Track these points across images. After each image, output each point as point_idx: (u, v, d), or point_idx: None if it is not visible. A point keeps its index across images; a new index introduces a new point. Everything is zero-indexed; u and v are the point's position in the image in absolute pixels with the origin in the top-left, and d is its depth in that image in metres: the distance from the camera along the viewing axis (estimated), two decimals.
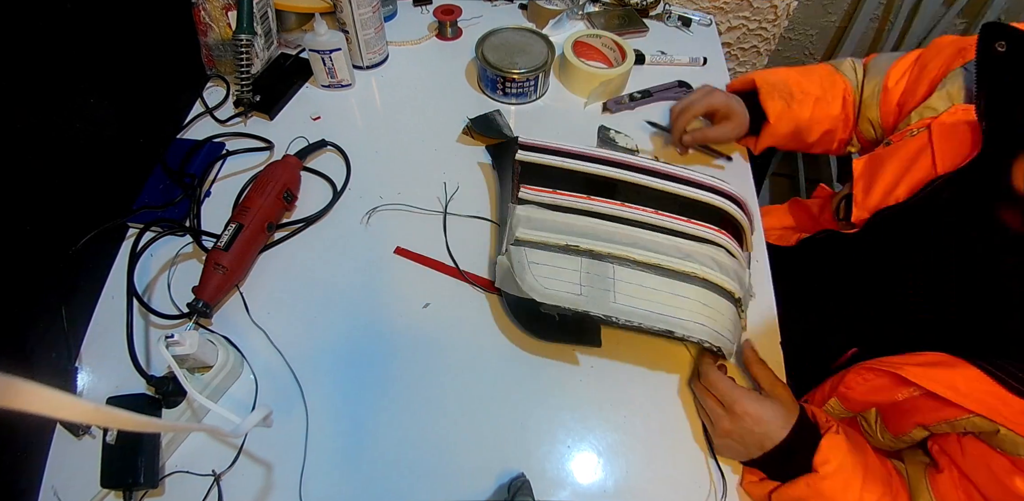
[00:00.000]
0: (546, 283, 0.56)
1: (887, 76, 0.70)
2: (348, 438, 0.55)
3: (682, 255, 0.58)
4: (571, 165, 0.65)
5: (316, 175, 0.72)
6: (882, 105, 0.71)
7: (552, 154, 0.65)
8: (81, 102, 0.62)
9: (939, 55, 0.65)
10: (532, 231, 0.59)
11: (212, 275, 0.58)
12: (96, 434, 0.53)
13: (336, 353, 0.59)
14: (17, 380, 0.21)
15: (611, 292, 0.55)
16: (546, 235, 0.58)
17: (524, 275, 0.56)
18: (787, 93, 0.70)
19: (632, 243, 0.58)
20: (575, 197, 0.62)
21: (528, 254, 0.57)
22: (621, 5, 0.94)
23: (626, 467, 0.54)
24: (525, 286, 0.55)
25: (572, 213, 0.61)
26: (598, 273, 0.57)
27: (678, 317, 0.54)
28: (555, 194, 0.63)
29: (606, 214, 0.61)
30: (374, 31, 0.79)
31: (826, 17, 1.34)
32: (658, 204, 0.62)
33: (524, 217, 0.60)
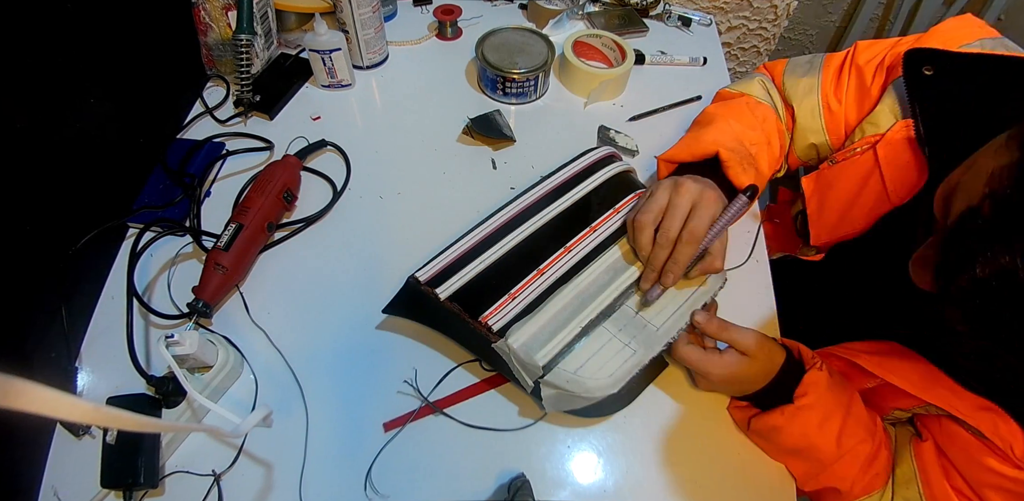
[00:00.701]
0: (606, 372, 0.50)
1: (824, 96, 0.64)
2: (348, 438, 0.55)
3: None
4: (490, 259, 0.55)
5: (316, 175, 0.72)
6: (830, 131, 0.65)
7: (460, 266, 0.55)
8: (81, 102, 0.62)
9: (874, 61, 0.61)
10: (545, 347, 0.50)
11: (212, 275, 0.58)
12: (96, 434, 0.53)
13: (336, 353, 0.59)
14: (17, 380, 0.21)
15: (648, 324, 0.53)
16: (559, 339, 0.51)
17: (584, 385, 0.50)
18: (747, 157, 0.61)
19: (613, 273, 0.55)
20: (530, 283, 0.54)
21: (565, 366, 0.51)
22: (621, 5, 0.94)
23: (626, 467, 0.54)
24: (596, 392, 0.50)
25: (549, 297, 0.53)
26: (625, 323, 0.54)
27: (697, 288, 0.54)
28: (514, 297, 0.53)
29: (570, 270, 0.55)
30: (374, 31, 0.79)
31: (826, 17, 1.34)
32: (582, 220, 0.59)
33: (524, 344, 0.50)
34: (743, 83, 0.71)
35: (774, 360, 0.51)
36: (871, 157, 0.57)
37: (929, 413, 0.51)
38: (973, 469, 0.47)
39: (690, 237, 0.51)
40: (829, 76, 0.65)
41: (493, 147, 0.76)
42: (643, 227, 0.53)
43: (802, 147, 0.68)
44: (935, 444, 0.51)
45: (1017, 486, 0.45)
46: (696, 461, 0.55)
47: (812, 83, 0.65)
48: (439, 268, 0.55)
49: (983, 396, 0.46)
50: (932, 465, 0.50)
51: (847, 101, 0.64)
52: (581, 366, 0.51)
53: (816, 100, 0.65)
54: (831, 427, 0.50)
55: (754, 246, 0.65)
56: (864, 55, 0.62)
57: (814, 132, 0.66)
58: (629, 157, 0.76)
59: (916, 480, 0.50)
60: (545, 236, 0.58)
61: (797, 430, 0.50)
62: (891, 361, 0.51)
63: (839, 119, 0.64)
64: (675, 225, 0.52)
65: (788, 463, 0.54)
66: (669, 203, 0.53)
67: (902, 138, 0.55)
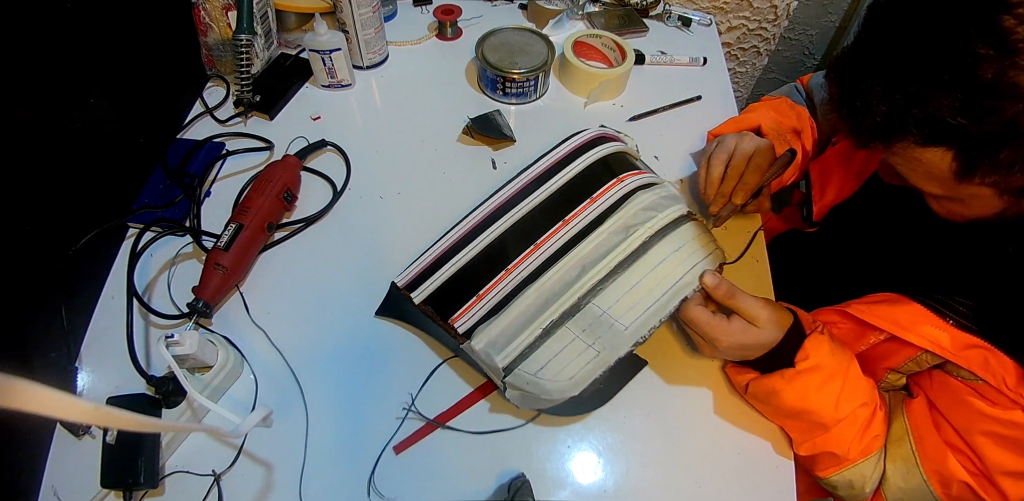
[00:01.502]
0: (566, 374, 0.50)
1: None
2: (348, 438, 0.55)
3: (623, 234, 0.54)
4: (460, 262, 0.57)
5: (316, 175, 0.72)
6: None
7: (434, 270, 0.57)
8: (81, 102, 0.62)
9: None
10: (506, 349, 0.51)
11: (212, 275, 0.58)
12: (96, 434, 0.53)
13: (336, 353, 0.59)
14: (17, 380, 0.21)
15: (615, 323, 0.51)
16: (519, 341, 0.51)
17: (543, 387, 0.50)
18: (783, 134, 0.68)
19: (581, 269, 0.53)
20: (498, 284, 0.55)
21: (525, 368, 0.51)
22: (621, 5, 0.94)
23: (626, 467, 0.54)
24: (555, 395, 0.50)
25: (512, 299, 0.53)
26: (589, 322, 0.52)
27: (674, 283, 0.52)
28: (481, 299, 0.54)
29: (537, 269, 0.54)
30: (374, 31, 0.79)
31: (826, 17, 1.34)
32: (557, 212, 0.58)
33: (485, 347, 0.51)
34: (782, 91, 0.79)
35: (781, 326, 0.51)
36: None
37: (921, 368, 0.52)
38: (963, 416, 0.48)
39: (756, 168, 0.60)
40: None
41: (493, 147, 0.76)
42: (718, 163, 0.62)
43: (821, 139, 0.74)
44: (926, 399, 0.52)
45: (1008, 428, 0.46)
46: (696, 461, 0.55)
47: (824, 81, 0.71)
48: (416, 272, 0.57)
49: (974, 335, 0.47)
50: (924, 420, 0.51)
51: None
52: (541, 368, 0.50)
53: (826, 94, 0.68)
54: (830, 390, 0.50)
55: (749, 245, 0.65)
56: None
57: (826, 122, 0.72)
58: None
59: (908, 436, 0.51)
60: (517, 233, 0.57)
61: (796, 393, 0.50)
62: (881, 307, 0.52)
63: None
64: (743, 160, 0.61)
65: (785, 425, 0.55)
66: (736, 146, 0.62)
67: None
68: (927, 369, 0.52)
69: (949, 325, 0.48)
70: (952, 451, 0.49)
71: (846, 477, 0.52)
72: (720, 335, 0.50)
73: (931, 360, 0.50)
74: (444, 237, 0.58)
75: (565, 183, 0.60)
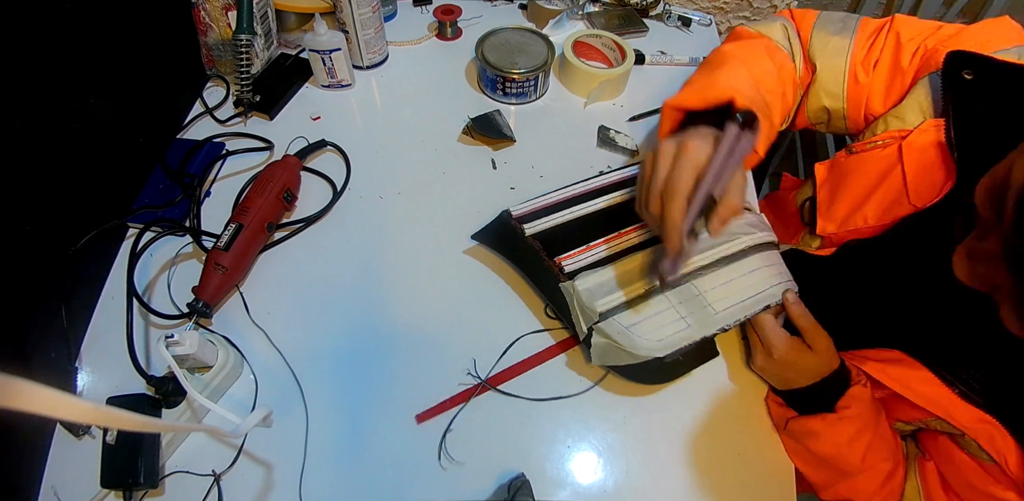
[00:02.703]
0: (656, 336, 0.53)
1: (852, 62, 0.60)
2: (348, 438, 0.55)
3: (727, 236, 0.58)
4: (577, 212, 0.61)
5: (316, 175, 0.72)
6: (850, 99, 0.61)
7: (550, 212, 0.60)
8: (81, 102, 0.62)
9: (915, 40, 0.58)
10: (606, 298, 0.54)
11: (212, 275, 0.58)
12: (96, 434, 0.53)
13: (336, 353, 0.59)
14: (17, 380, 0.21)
15: (708, 306, 0.55)
16: (620, 294, 0.54)
17: (633, 341, 0.52)
18: (763, 107, 0.56)
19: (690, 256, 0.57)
20: (608, 241, 0.59)
21: (620, 319, 0.53)
22: (621, 5, 0.94)
23: (626, 467, 0.54)
24: (641, 351, 0.52)
25: (622, 257, 0.57)
26: (686, 298, 0.55)
27: (762, 291, 0.56)
28: (591, 249, 0.58)
29: (646, 241, 0.58)
30: (374, 31, 0.79)
31: None
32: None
33: (587, 289, 0.54)
34: (764, 24, 0.66)
35: (830, 363, 0.52)
36: (894, 153, 0.55)
37: (930, 428, 0.51)
38: (969, 492, 0.48)
39: (671, 191, 0.45)
40: (862, 42, 0.61)
41: (493, 147, 0.76)
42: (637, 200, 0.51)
43: (814, 108, 0.65)
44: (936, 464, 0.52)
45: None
46: (696, 461, 0.55)
47: (844, 44, 0.61)
48: (532, 208, 0.61)
49: (981, 409, 0.46)
50: (935, 486, 0.51)
51: (877, 74, 0.60)
52: (635, 324, 0.53)
53: (844, 64, 0.61)
54: (861, 441, 0.51)
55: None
56: (906, 31, 0.59)
57: (832, 96, 0.62)
58: (629, 157, 0.76)
59: (920, 498, 0.51)
60: (632, 207, 0.55)
61: (831, 438, 0.51)
62: (896, 369, 0.51)
63: (863, 90, 0.61)
64: (657, 184, 0.47)
65: (810, 469, 0.54)
66: (652, 164, 0.48)
67: (930, 138, 0.53)
68: (933, 432, 0.52)
69: (958, 397, 0.47)
70: None
71: None
72: (779, 344, 0.53)
73: (940, 426, 0.50)
74: (562, 189, 0.62)
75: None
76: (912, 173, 0.54)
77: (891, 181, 0.55)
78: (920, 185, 0.53)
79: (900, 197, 0.54)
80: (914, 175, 0.54)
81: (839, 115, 0.64)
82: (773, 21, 0.66)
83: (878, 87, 0.60)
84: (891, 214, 0.55)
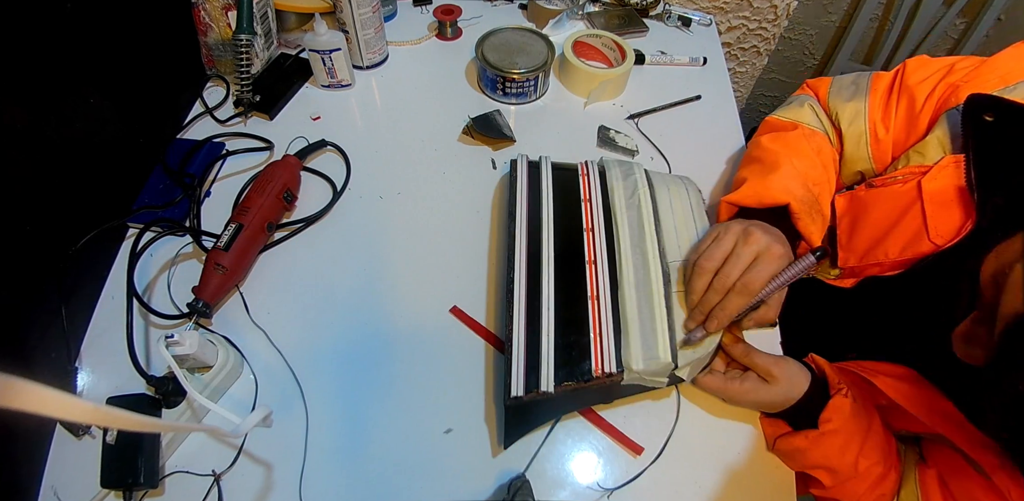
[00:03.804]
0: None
1: (871, 124, 0.62)
2: (348, 438, 0.55)
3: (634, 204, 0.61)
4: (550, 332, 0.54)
5: (316, 175, 0.72)
6: (876, 159, 0.63)
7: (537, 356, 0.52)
8: (81, 102, 0.62)
9: (927, 83, 0.59)
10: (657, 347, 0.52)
11: (212, 275, 0.58)
12: (96, 434, 0.53)
13: (336, 353, 0.59)
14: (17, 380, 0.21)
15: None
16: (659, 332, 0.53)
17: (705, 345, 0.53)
18: (814, 204, 0.59)
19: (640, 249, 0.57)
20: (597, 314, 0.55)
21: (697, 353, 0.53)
22: (621, 5, 0.94)
23: (626, 467, 0.54)
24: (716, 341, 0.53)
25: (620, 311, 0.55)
26: (683, 276, 0.56)
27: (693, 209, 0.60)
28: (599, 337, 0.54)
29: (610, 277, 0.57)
30: (374, 31, 0.79)
31: (826, 17, 1.34)
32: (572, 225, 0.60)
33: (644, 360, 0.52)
34: (793, 110, 0.67)
35: (795, 385, 0.52)
36: (914, 189, 0.54)
37: (935, 441, 0.51)
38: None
39: (743, 289, 0.50)
40: (877, 100, 0.62)
41: (493, 147, 0.76)
42: (703, 273, 0.52)
43: (848, 174, 0.66)
44: (938, 473, 0.51)
45: None
46: (696, 461, 0.55)
47: (859, 108, 0.63)
48: (524, 373, 0.52)
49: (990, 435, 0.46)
50: (935, 494, 0.50)
51: (895, 128, 0.61)
52: (693, 331, 0.53)
53: (863, 127, 0.62)
54: (850, 451, 0.50)
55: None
56: (915, 76, 0.60)
57: (860, 160, 0.63)
58: (629, 157, 0.76)
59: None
60: (566, 269, 0.57)
61: (819, 453, 0.51)
62: (906, 385, 0.51)
63: (886, 148, 0.62)
64: (734, 274, 0.51)
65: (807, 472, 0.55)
66: (733, 251, 0.52)
67: (950, 176, 0.53)
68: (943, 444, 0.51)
69: (967, 422, 0.47)
70: None
71: None
72: (735, 396, 0.53)
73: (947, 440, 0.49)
74: (513, 330, 0.54)
75: (553, 203, 0.62)
76: (931, 209, 0.53)
77: (911, 217, 0.54)
78: (939, 223, 0.53)
79: (920, 234, 0.54)
80: (933, 212, 0.53)
81: (871, 174, 0.65)
82: (801, 104, 0.67)
83: (899, 137, 0.61)
84: (912, 250, 0.54)
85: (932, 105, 0.58)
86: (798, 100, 0.69)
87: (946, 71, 0.59)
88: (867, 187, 0.60)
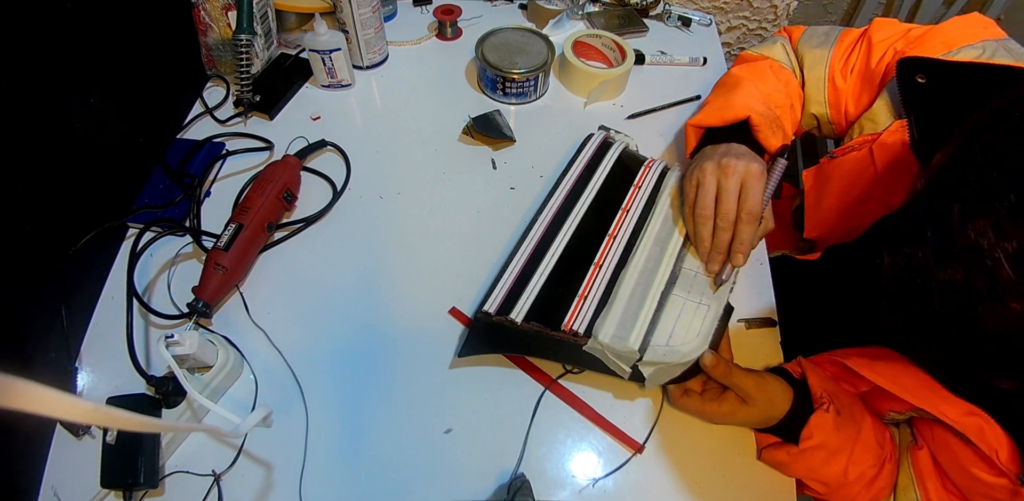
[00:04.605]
0: (692, 333, 0.53)
1: (831, 69, 0.65)
2: (348, 438, 0.55)
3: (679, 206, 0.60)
4: (545, 273, 0.56)
5: (316, 175, 0.72)
6: (832, 106, 0.66)
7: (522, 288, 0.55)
8: (81, 102, 0.62)
9: (886, 41, 0.61)
10: (633, 331, 0.52)
11: (212, 275, 0.58)
12: (96, 434, 0.53)
13: (336, 353, 0.59)
14: (17, 380, 0.21)
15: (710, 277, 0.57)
16: (641, 320, 0.52)
17: (679, 352, 0.52)
18: (775, 120, 0.61)
19: (661, 243, 0.57)
20: (592, 280, 0.55)
21: (657, 341, 0.52)
22: (621, 5, 0.94)
23: (626, 467, 0.54)
24: (692, 354, 0.52)
25: (615, 286, 0.55)
26: (690, 284, 0.56)
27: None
28: (583, 300, 0.54)
29: (621, 255, 0.57)
30: (374, 31, 0.79)
31: (826, 17, 1.35)
32: (611, 206, 0.61)
33: (613, 336, 0.51)
34: (766, 46, 0.72)
35: (776, 406, 0.51)
36: (867, 155, 0.57)
37: (923, 417, 0.51)
38: (963, 478, 0.48)
39: (748, 217, 0.53)
40: (840, 51, 0.65)
41: (493, 147, 0.76)
42: (705, 220, 0.55)
43: (806, 115, 0.69)
44: (929, 452, 0.51)
45: (1000, 493, 0.45)
46: (696, 461, 0.55)
47: (823, 55, 0.66)
48: (503, 296, 0.54)
49: (970, 402, 0.46)
50: (929, 473, 0.50)
51: (852, 79, 0.64)
52: (671, 335, 0.53)
53: (823, 73, 0.66)
54: (838, 463, 0.50)
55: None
56: (878, 34, 0.62)
57: (817, 103, 0.67)
58: None
59: (914, 486, 0.51)
60: (586, 232, 0.59)
61: (803, 466, 0.51)
62: (881, 365, 0.51)
63: (842, 96, 0.65)
64: (733, 208, 0.53)
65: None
66: (719, 188, 0.54)
67: (898, 139, 0.55)
68: (927, 418, 0.51)
69: (946, 390, 0.47)
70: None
71: None
72: (714, 418, 0.53)
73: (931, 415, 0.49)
74: (515, 257, 0.57)
75: (605, 179, 0.64)
76: (884, 174, 0.55)
77: (866, 182, 0.57)
78: (892, 185, 0.55)
79: (875, 198, 0.56)
80: (886, 176, 0.55)
81: (825, 120, 0.68)
82: (773, 42, 0.71)
83: (853, 91, 0.65)
84: (871, 216, 0.56)
85: (882, 67, 0.61)
86: (771, 39, 0.73)
87: (900, 36, 0.61)
88: (830, 158, 0.63)
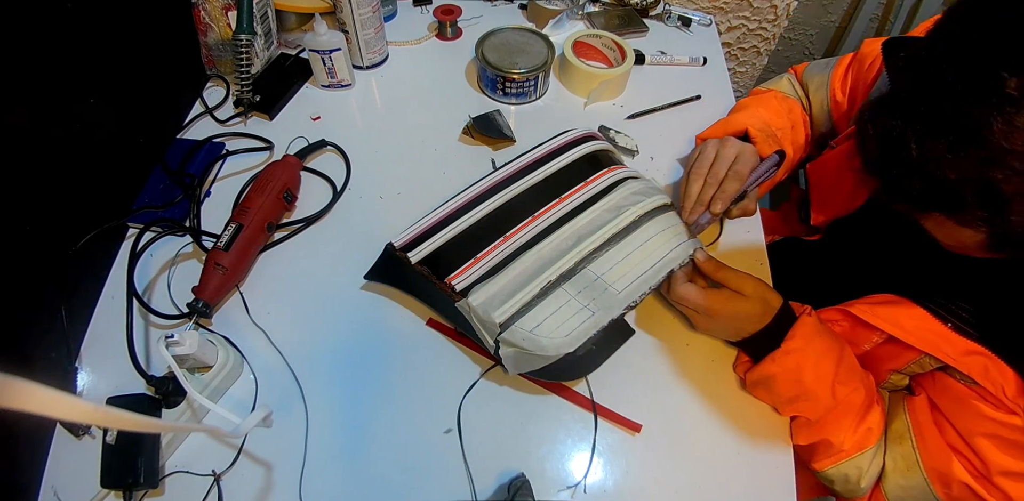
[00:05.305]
0: (562, 332, 0.52)
1: (832, 89, 0.71)
2: (348, 438, 0.55)
3: (615, 212, 0.59)
4: (463, 225, 0.59)
5: (316, 175, 0.72)
6: (835, 117, 0.72)
7: (434, 232, 0.58)
8: (81, 102, 0.62)
9: (873, 54, 0.66)
10: (503, 306, 0.53)
11: (212, 275, 0.58)
12: (96, 434, 0.53)
13: (336, 353, 0.59)
14: (17, 380, 0.21)
15: (608, 288, 0.55)
16: (517, 299, 0.53)
17: (539, 343, 0.52)
18: (772, 137, 0.66)
19: (577, 239, 0.57)
20: (495, 248, 0.57)
21: (522, 325, 0.53)
22: (621, 5, 0.94)
23: (626, 467, 0.54)
24: (550, 351, 0.52)
25: (511, 261, 0.56)
26: (584, 285, 0.55)
27: (662, 257, 0.57)
28: (479, 261, 0.56)
29: (534, 237, 0.58)
30: (374, 31, 0.79)
31: (826, 17, 1.34)
32: (552, 192, 0.61)
33: (482, 303, 0.53)
34: (773, 82, 0.79)
35: (769, 301, 0.53)
36: None
37: (924, 370, 0.52)
38: (965, 418, 0.48)
39: (735, 175, 0.59)
40: (839, 72, 0.71)
41: (493, 147, 0.76)
42: (697, 178, 0.60)
43: (815, 137, 0.75)
44: (928, 398, 0.52)
45: (1008, 431, 0.46)
46: (696, 461, 0.55)
47: (824, 79, 0.73)
48: (413, 235, 0.59)
49: (974, 341, 0.47)
50: (925, 418, 0.51)
51: (850, 90, 0.70)
52: (538, 325, 0.53)
53: (825, 94, 0.72)
54: (824, 372, 0.51)
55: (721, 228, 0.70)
56: (868, 47, 0.68)
57: (822, 123, 0.73)
58: (629, 157, 0.76)
59: (910, 434, 0.52)
60: (515, 206, 0.61)
61: (790, 376, 0.52)
62: (885, 309, 0.53)
63: (842, 106, 0.71)
64: (723, 169, 0.60)
65: (785, 410, 0.56)
66: (717, 154, 0.61)
67: None
68: (930, 371, 0.52)
69: (950, 330, 0.48)
70: (954, 452, 0.49)
71: (842, 470, 0.53)
72: (712, 303, 0.54)
73: (933, 363, 0.51)
74: (443, 205, 0.61)
75: (561, 168, 0.64)
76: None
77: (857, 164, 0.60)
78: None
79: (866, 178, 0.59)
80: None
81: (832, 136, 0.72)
82: (780, 78, 0.79)
83: (854, 96, 0.70)
84: (864, 192, 0.61)
85: (873, 69, 0.66)
86: (779, 76, 0.80)
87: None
88: (830, 149, 0.67)
